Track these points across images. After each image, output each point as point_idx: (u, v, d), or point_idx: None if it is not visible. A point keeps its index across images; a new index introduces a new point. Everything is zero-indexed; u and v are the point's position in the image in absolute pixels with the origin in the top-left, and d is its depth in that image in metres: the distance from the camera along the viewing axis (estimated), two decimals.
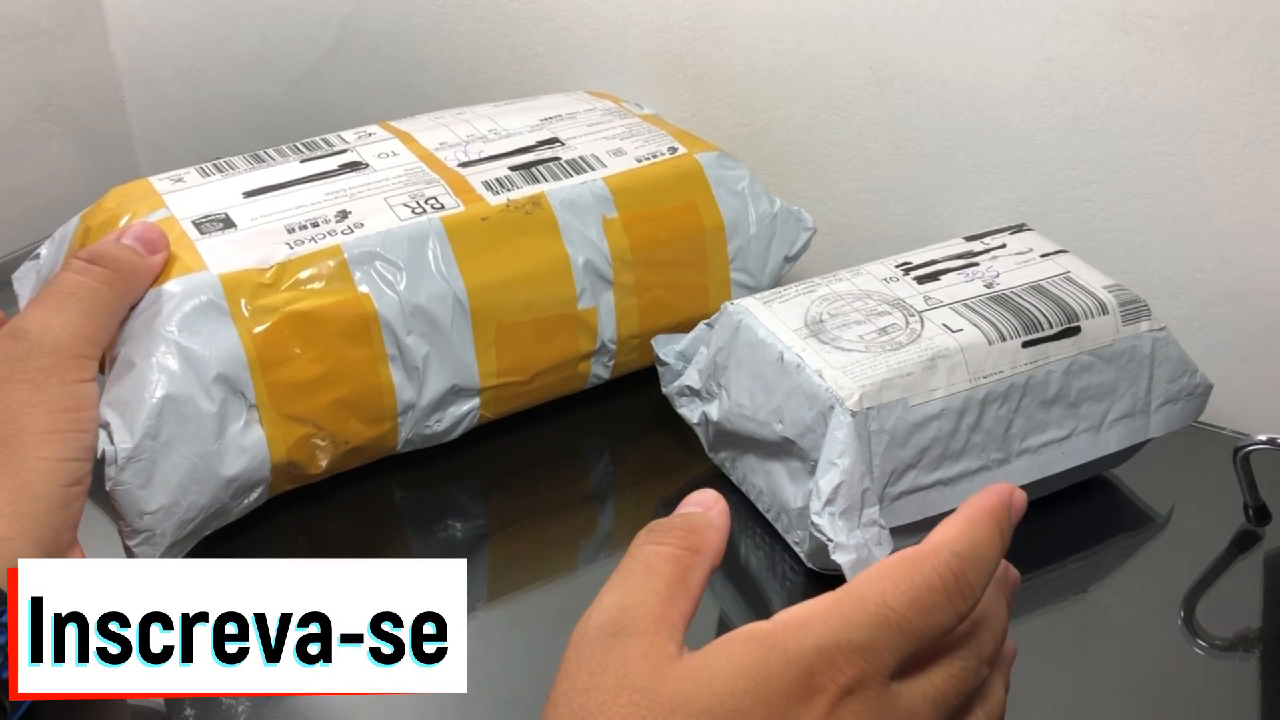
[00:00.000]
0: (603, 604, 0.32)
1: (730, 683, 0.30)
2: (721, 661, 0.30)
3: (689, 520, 0.34)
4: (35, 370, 0.41)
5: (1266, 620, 0.47)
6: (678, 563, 0.33)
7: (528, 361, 0.53)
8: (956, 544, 0.32)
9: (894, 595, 0.31)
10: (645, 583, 0.32)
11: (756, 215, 0.57)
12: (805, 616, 0.31)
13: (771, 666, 0.30)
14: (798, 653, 0.30)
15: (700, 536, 0.34)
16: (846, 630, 0.31)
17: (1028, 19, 0.59)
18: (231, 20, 0.84)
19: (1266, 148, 0.56)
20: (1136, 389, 0.50)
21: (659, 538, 0.33)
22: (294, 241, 0.49)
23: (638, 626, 0.31)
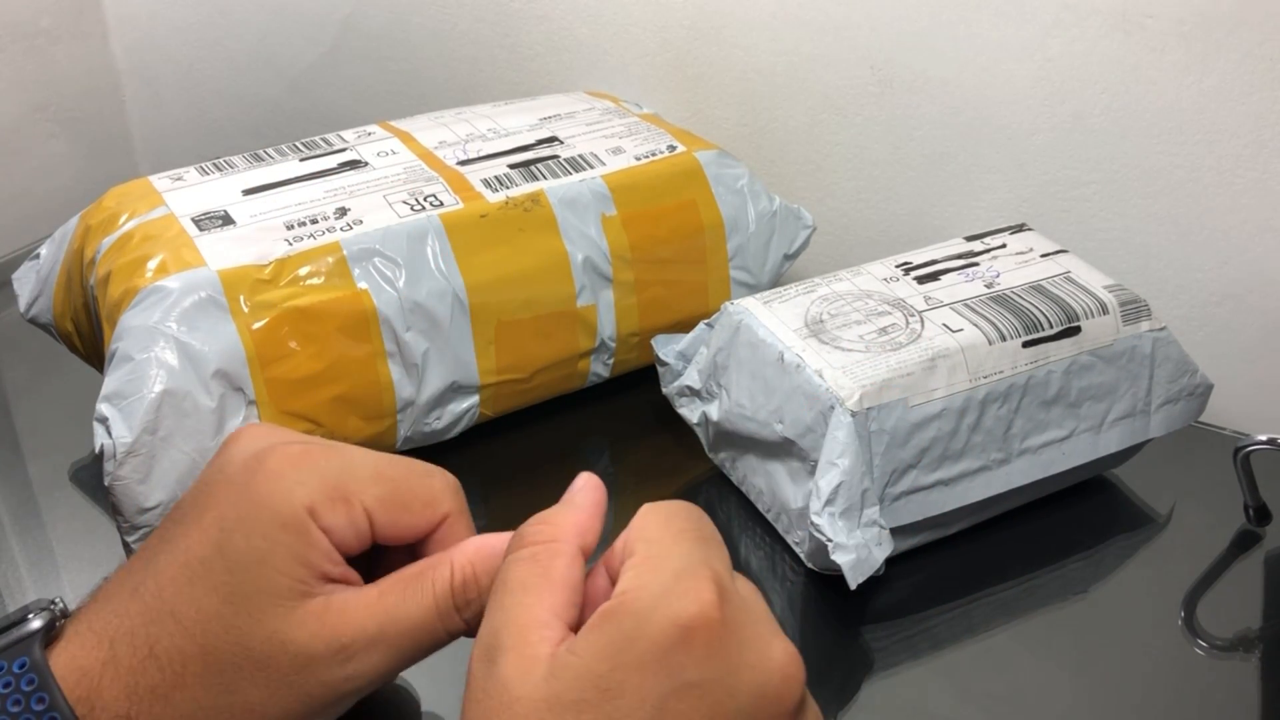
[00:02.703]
0: (480, 634, 0.32)
1: (595, 665, 0.30)
2: (582, 653, 0.30)
3: (541, 516, 0.34)
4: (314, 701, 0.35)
5: (1266, 620, 0.46)
6: (533, 562, 0.33)
7: (527, 359, 0.53)
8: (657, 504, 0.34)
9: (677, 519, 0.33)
10: (505, 598, 0.32)
11: (756, 213, 0.57)
12: (631, 576, 0.31)
13: (628, 631, 0.30)
14: (648, 608, 0.30)
15: (554, 526, 0.34)
16: (674, 562, 0.31)
17: (1028, 19, 0.59)
18: (231, 20, 0.84)
19: (1266, 148, 0.56)
20: (1137, 389, 0.49)
21: (512, 546, 0.34)
22: (293, 238, 0.49)
23: (507, 643, 0.31)
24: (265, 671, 0.34)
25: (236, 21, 0.84)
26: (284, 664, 0.34)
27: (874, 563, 0.44)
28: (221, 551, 0.35)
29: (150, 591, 0.35)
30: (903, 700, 0.43)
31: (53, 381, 0.60)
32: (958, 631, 0.46)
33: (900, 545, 0.46)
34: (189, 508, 0.36)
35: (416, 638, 0.35)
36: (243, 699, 0.34)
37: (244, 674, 0.34)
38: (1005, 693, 0.43)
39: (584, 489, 0.36)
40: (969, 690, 0.43)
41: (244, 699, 0.34)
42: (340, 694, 0.35)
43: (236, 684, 0.34)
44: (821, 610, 0.47)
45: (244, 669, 0.34)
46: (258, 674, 0.34)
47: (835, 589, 0.45)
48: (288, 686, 0.34)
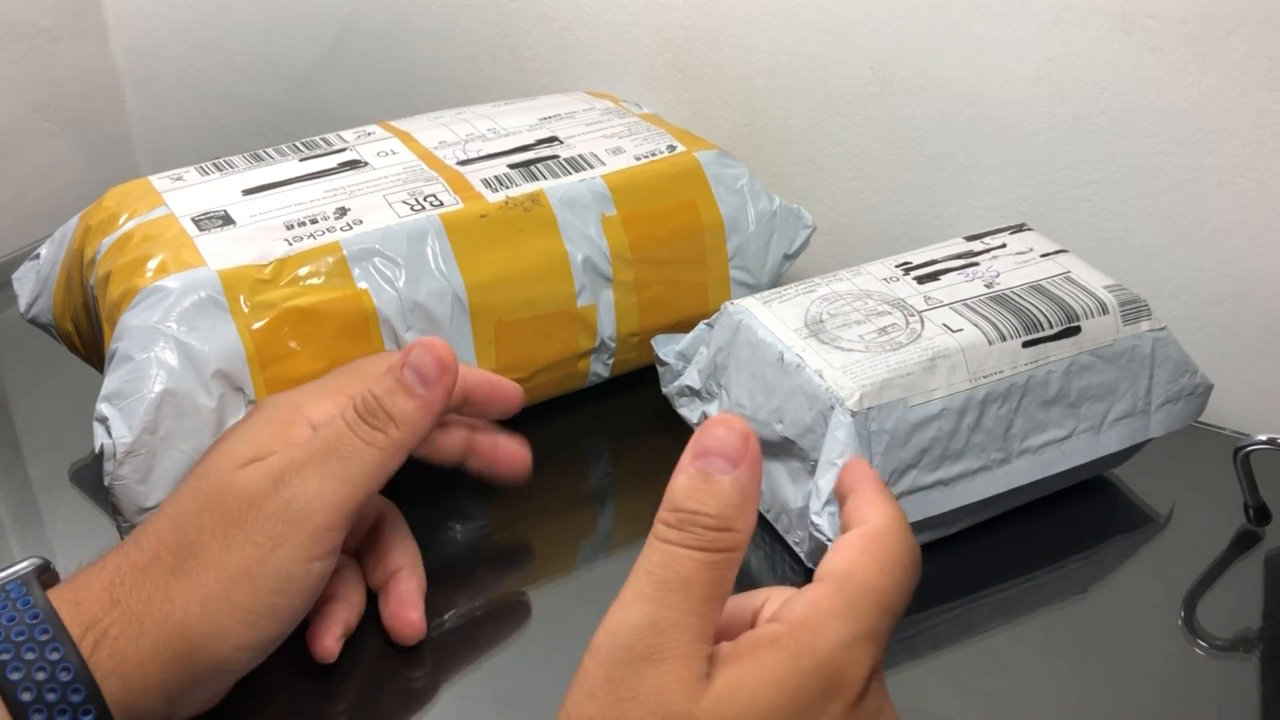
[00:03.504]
0: (633, 619, 0.30)
1: (767, 698, 0.30)
2: (755, 676, 0.30)
3: (722, 502, 0.31)
4: (268, 538, 0.38)
5: (1266, 620, 0.46)
6: (716, 570, 0.31)
7: (527, 359, 0.53)
8: (899, 518, 0.34)
9: (883, 578, 0.32)
10: (683, 600, 0.30)
11: (756, 213, 0.57)
12: (816, 614, 0.31)
13: (804, 674, 0.30)
14: (825, 654, 0.30)
15: (735, 520, 0.31)
16: (860, 622, 0.31)
17: (1028, 19, 0.59)
18: (231, 20, 0.84)
19: (1266, 148, 0.56)
20: (1137, 389, 0.50)
21: (695, 538, 0.31)
22: (293, 238, 0.49)
23: (675, 650, 0.30)
24: (220, 520, 0.38)
25: (236, 21, 0.84)
26: (234, 506, 0.38)
27: None
28: (211, 450, 0.41)
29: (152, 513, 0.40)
30: (903, 700, 0.43)
31: (53, 381, 0.60)
32: (958, 631, 0.46)
33: None
34: None
35: (337, 452, 0.39)
36: (204, 557, 0.37)
37: (203, 530, 0.37)
38: (1005, 693, 0.43)
39: (754, 463, 0.32)
40: (969, 690, 0.43)
41: (206, 556, 0.37)
42: (287, 522, 0.38)
43: (199, 541, 0.37)
44: None
45: (203, 525, 0.37)
46: (214, 525, 0.37)
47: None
48: (240, 528, 0.37)
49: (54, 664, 0.34)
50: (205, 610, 0.37)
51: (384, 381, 0.41)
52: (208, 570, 0.37)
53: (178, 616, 0.36)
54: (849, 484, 0.35)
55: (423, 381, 0.41)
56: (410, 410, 0.40)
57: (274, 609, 0.38)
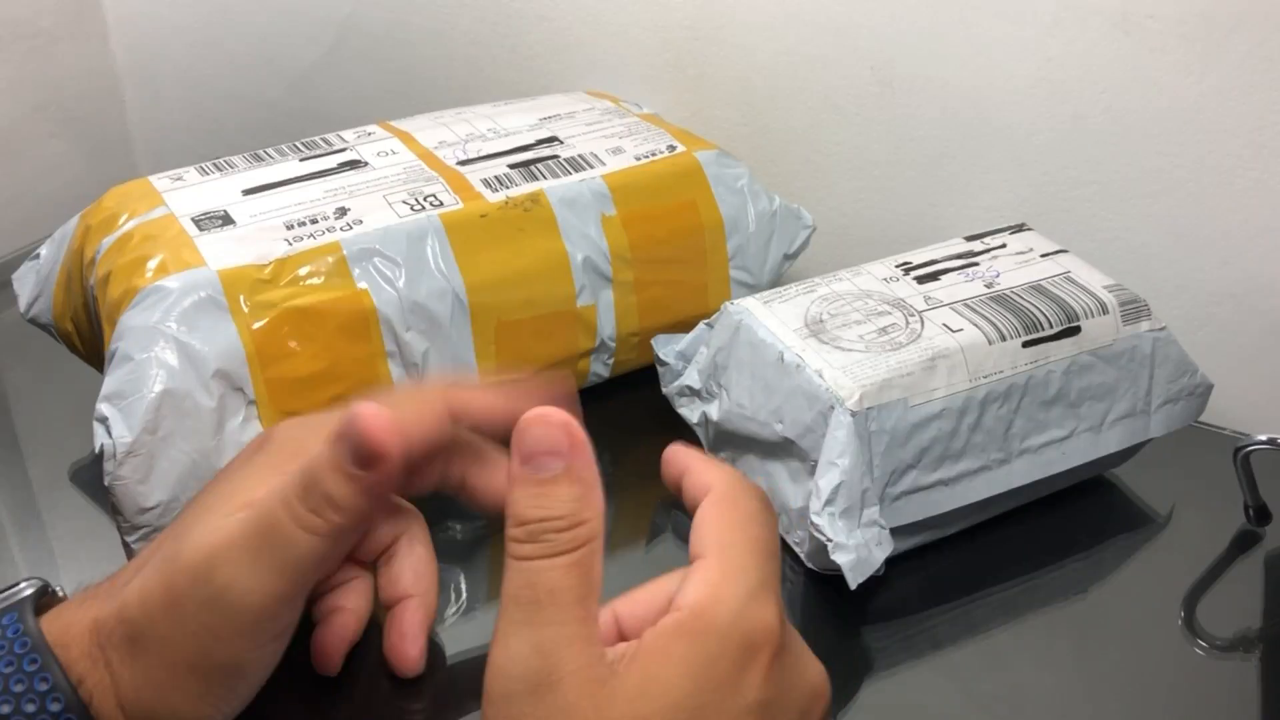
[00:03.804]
0: (515, 650, 0.29)
1: (681, 685, 0.29)
2: (664, 669, 0.29)
3: (564, 499, 0.30)
4: (205, 632, 0.35)
5: (1266, 620, 0.46)
6: (580, 569, 0.30)
7: (527, 359, 0.53)
8: (726, 471, 0.34)
9: (750, 530, 0.32)
10: (557, 613, 0.29)
11: (755, 213, 0.57)
12: (708, 588, 0.30)
13: (712, 649, 0.29)
14: (728, 623, 0.30)
15: (583, 511, 0.30)
16: (749, 578, 0.31)
17: (1028, 19, 0.59)
18: (231, 21, 0.84)
19: (1266, 148, 0.56)
20: (1137, 389, 0.49)
21: (551, 546, 0.30)
22: (293, 238, 0.49)
23: (567, 666, 0.28)
24: (167, 599, 0.35)
25: (236, 21, 0.84)
26: (179, 584, 0.35)
27: (874, 563, 0.44)
28: (207, 491, 0.37)
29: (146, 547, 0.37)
30: (903, 700, 0.43)
31: (53, 381, 0.60)
32: (958, 631, 0.46)
33: (900, 545, 0.46)
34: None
35: (270, 536, 0.35)
36: (153, 642, 0.35)
37: (153, 607, 0.35)
38: (1005, 693, 0.43)
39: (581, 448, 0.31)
40: (969, 690, 0.43)
41: (154, 641, 0.35)
42: (222, 616, 0.34)
43: (150, 623, 0.35)
44: (821, 610, 0.47)
45: (153, 600, 0.35)
46: (162, 604, 0.35)
47: (835, 589, 0.45)
48: (181, 617, 0.35)
49: (43, 695, 0.34)
50: (159, 694, 0.35)
51: (323, 456, 0.35)
52: (157, 656, 0.35)
53: (140, 693, 0.35)
54: (677, 467, 0.35)
55: (358, 463, 0.34)
56: (349, 495, 0.35)
57: (230, 690, 0.36)
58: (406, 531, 0.42)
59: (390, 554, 0.42)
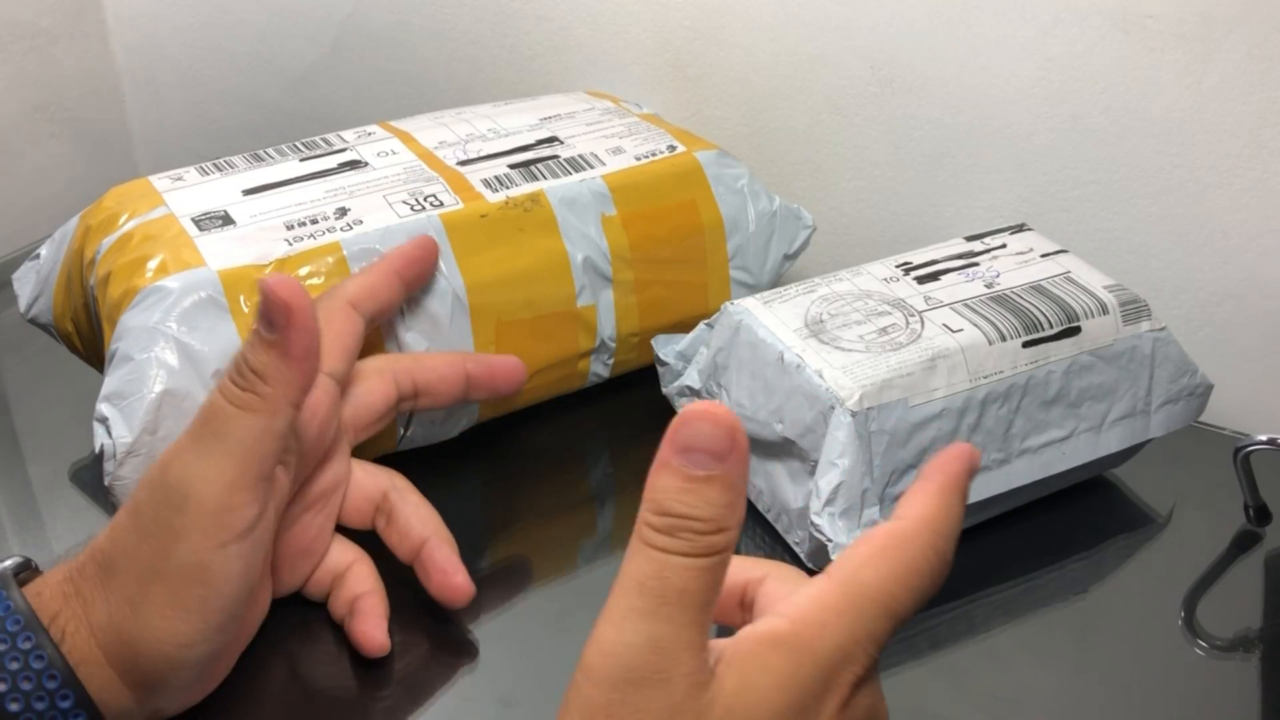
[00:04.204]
0: (630, 638, 0.28)
1: (772, 698, 0.29)
2: (761, 677, 0.29)
3: (712, 503, 0.29)
4: (164, 531, 0.35)
5: (1266, 620, 0.46)
6: (711, 574, 0.29)
7: (527, 359, 0.52)
8: (936, 522, 0.31)
9: (893, 583, 0.31)
10: (680, 613, 0.28)
11: (756, 213, 0.57)
12: (820, 614, 0.30)
13: (806, 674, 0.29)
14: (825, 656, 0.30)
15: (727, 520, 0.29)
16: (863, 626, 0.30)
17: (1028, 19, 0.59)
18: (231, 20, 0.84)
19: (1266, 148, 0.56)
20: (1137, 389, 0.49)
21: (688, 545, 0.28)
22: (293, 238, 0.49)
23: (679, 668, 0.28)
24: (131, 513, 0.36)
25: (236, 21, 0.84)
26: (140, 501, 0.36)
27: None
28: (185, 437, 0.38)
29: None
30: (903, 700, 0.43)
31: (53, 381, 0.60)
32: (958, 631, 0.46)
33: None
34: None
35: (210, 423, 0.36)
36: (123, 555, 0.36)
37: (123, 526, 0.36)
38: (1005, 693, 0.43)
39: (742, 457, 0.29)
40: (969, 690, 0.43)
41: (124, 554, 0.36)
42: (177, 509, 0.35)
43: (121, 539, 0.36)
44: None
45: (123, 520, 0.36)
46: (130, 520, 0.36)
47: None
48: (142, 524, 0.36)
49: (39, 672, 0.34)
50: (132, 611, 0.35)
51: (247, 337, 0.37)
52: (126, 570, 0.35)
53: (114, 616, 0.35)
54: (926, 470, 0.33)
55: (270, 325, 0.36)
56: (270, 360, 0.36)
57: (201, 601, 0.36)
58: (391, 487, 0.45)
59: (386, 513, 0.45)
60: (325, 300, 0.46)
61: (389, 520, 0.45)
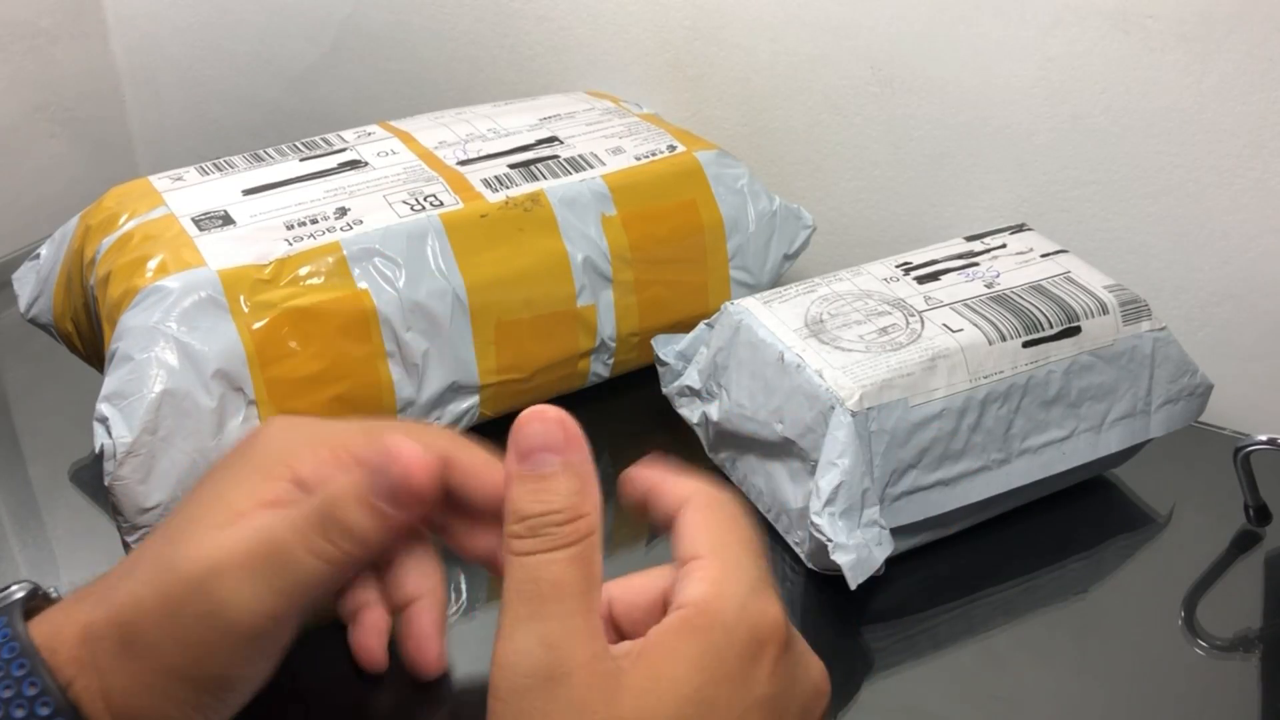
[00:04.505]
0: (521, 644, 0.29)
1: (690, 680, 0.29)
2: (672, 664, 0.29)
3: (564, 493, 0.30)
4: (197, 643, 0.34)
5: (1266, 620, 0.46)
6: (582, 561, 0.30)
7: (527, 359, 0.53)
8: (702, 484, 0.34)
9: (737, 531, 0.32)
10: (561, 606, 0.29)
11: (756, 213, 0.57)
12: (711, 585, 0.31)
13: (719, 644, 0.30)
14: (734, 617, 0.30)
15: (582, 505, 0.30)
16: (748, 574, 0.31)
17: (1028, 19, 0.59)
18: (231, 20, 0.84)
19: (1266, 148, 0.56)
20: (1137, 389, 0.49)
21: (552, 539, 0.30)
22: (293, 238, 0.49)
23: (575, 661, 0.28)
24: (161, 605, 0.34)
25: (236, 21, 0.84)
26: (174, 592, 0.34)
27: (874, 563, 0.44)
28: (195, 495, 0.36)
29: (136, 548, 0.37)
30: (903, 700, 0.43)
31: (53, 381, 0.60)
32: (958, 631, 0.46)
33: (900, 545, 0.46)
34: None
35: (276, 557, 0.34)
36: (145, 645, 0.34)
37: (146, 611, 0.34)
38: (1005, 693, 0.43)
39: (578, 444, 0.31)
40: (969, 690, 0.43)
41: (146, 645, 0.34)
42: (216, 630, 0.34)
43: (142, 625, 0.34)
44: (821, 610, 0.47)
45: (146, 605, 0.34)
46: (156, 610, 0.34)
47: (835, 589, 0.45)
48: (173, 625, 0.34)
49: (31, 699, 0.33)
50: (150, 699, 0.34)
51: (350, 487, 0.34)
52: (146, 660, 0.34)
53: (130, 698, 0.34)
54: (642, 486, 0.34)
55: (392, 501, 0.34)
56: (371, 529, 0.34)
57: (218, 701, 0.35)
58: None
59: (388, 558, 0.41)
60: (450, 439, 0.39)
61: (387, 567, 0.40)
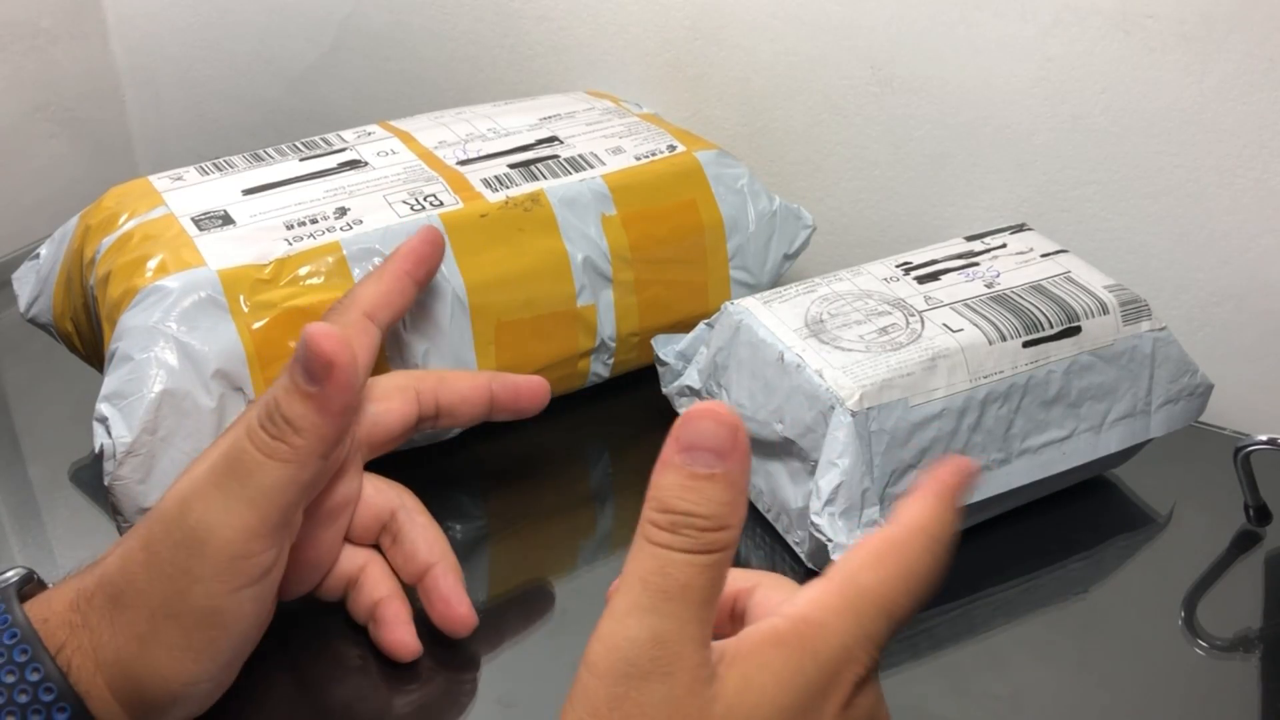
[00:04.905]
0: (633, 632, 0.29)
1: (775, 697, 0.29)
2: (763, 675, 0.29)
3: (714, 501, 0.29)
4: (179, 573, 0.35)
5: (1266, 620, 0.46)
6: (713, 571, 0.29)
7: (527, 359, 0.53)
8: (931, 527, 0.32)
9: (892, 585, 0.31)
10: (683, 609, 0.29)
11: (756, 213, 0.57)
12: (821, 614, 0.30)
13: (809, 673, 0.30)
14: (827, 655, 0.30)
15: (729, 518, 0.29)
16: (863, 626, 0.31)
17: (1028, 19, 0.59)
18: (231, 20, 0.84)
19: (1266, 148, 0.56)
20: (1137, 389, 0.49)
21: (691, 541, 0.29)
22: (293, 238, 0.49)
23: (681, 663, 0.28)
24: (145, 552, 0.35)
25: (236, 21, 0.84)
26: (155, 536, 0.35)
27: None
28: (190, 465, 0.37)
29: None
30: (903, 700, 0.43)
31: (53, 381, 0.60)
32: (958, 631, 0.46)
33: None
34: None
35: (236, 468, 0.35)
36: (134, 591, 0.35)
37: (134, 561, 0.35)
38: (1005, 693, 0.43)
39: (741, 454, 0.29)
40: (969, 690, 0.43)
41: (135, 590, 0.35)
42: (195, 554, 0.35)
43: (132, 573, 0.35)
44: None
45: (134, 555, 0.35)
46: (142, 557, 0.35)
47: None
48: (157, 562, 0.35)
49: (35, 685, 0.34)
50: (141, 648, 0.35)
51: (279, 381, 0.36)
52: (137, 606, 0.35)
53: (121, 651, 0.35)
54: (923, 478, 0.34)
55: (310, 378, 0.35)
56: (306, 413, 0.35)
57: (210, 643, 0.36)
58: (401, 507, 0.44)
59: (393, 533, 0.44)
60: (340, 312, 0.44)
61: (395, 540, 0.44)
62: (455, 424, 0.47)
